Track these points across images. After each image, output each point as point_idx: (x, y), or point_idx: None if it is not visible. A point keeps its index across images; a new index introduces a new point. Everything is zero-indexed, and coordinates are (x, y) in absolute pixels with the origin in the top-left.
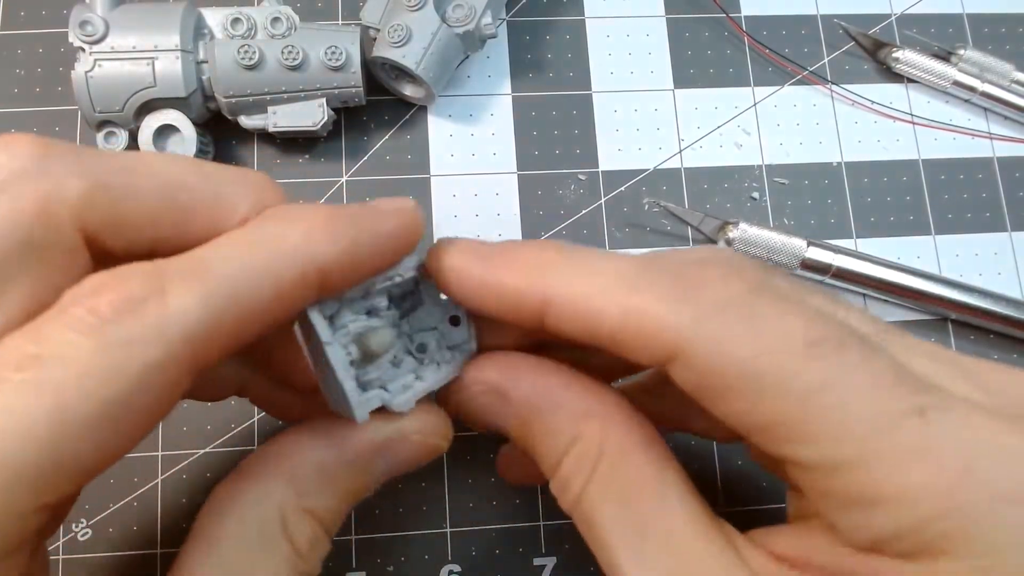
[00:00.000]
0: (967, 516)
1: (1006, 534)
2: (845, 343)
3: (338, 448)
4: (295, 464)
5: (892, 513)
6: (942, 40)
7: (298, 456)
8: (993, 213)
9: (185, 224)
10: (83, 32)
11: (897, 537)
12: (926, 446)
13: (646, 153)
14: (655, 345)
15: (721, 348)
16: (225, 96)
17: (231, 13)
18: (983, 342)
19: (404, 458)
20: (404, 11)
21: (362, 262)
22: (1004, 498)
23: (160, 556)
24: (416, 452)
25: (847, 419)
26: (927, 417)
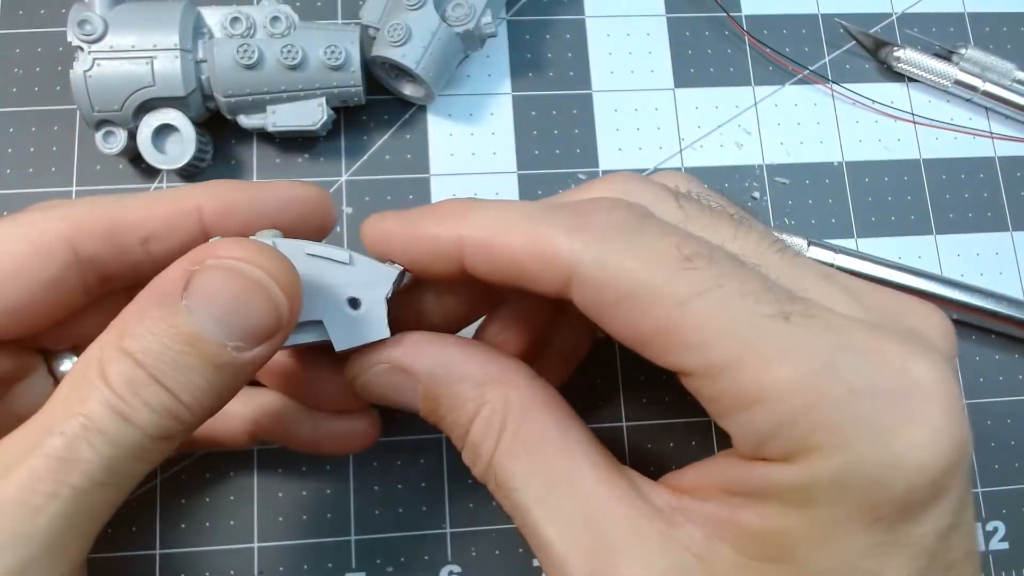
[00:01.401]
0: (829, 409)
1: (866, 427)
2: (716, 258)
3: (153, 286)
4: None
5: (765, 410)
6: (943, 39)
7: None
8: (994, 213)
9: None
10: (82, 31)
11: (774, 435)
12: (790, 346)
13: (646, 153)
14: (555, 271)
15: (606, 266)
16: (224, 95)
17: (230, 12)
18: (984, 342)
19: (216, 292)
20: (404, 10)
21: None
22: (862, 392)
23: (159, 556)
24: (225, 283)
25: (718, 324)
26: (791, 320)
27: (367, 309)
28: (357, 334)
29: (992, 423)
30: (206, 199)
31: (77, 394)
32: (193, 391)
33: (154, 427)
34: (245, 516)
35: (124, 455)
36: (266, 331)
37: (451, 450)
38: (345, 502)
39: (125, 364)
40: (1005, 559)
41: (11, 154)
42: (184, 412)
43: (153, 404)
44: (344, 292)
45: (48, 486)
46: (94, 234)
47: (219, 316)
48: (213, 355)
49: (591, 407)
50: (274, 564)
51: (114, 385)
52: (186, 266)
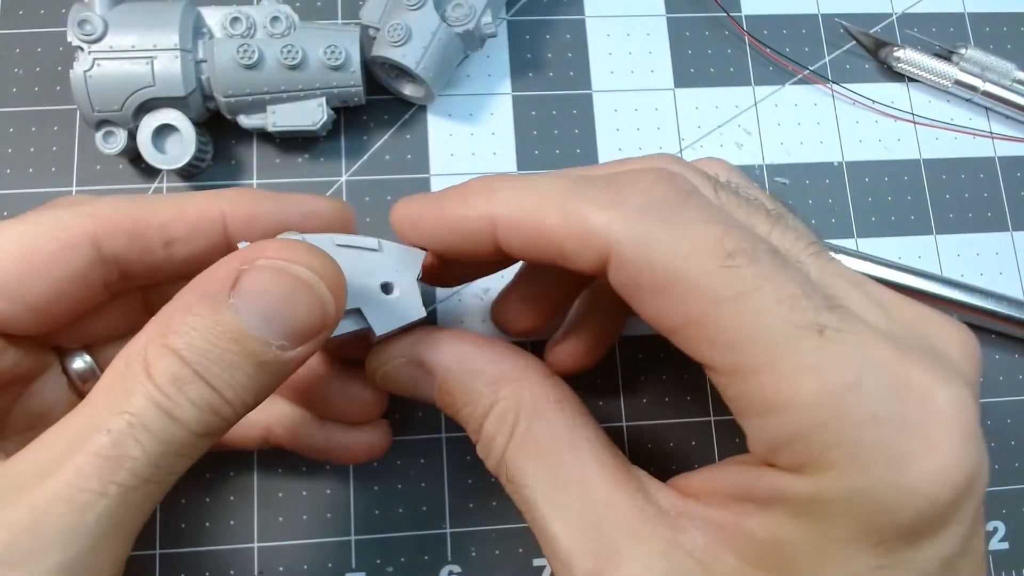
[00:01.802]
0: (849, 431)
1: (883, 453)
2: (758, 256)
3: (199, 283)
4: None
5: (784, 419)
6: (943, 39)
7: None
8: (995, 213)
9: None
10: (82, 31)
11: (789, 445)
12: (820, 361)
13: (646, 153)
14: (592, 248)
15: (644, 248)
16: (224, 95)
17: (230, 12)
18: (985, 342)
19: (265, 291)
20: (404, 10)
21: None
22: (884, 418)
23: (159, 556)
24: (274, 282)
25: (752, 329)
26: (825, 334)
27: (401, 292)
28: (394, 317)
29: (992, 423)
30: (231, 207)
31: (121, 389)
32: (236, 388)
33: (198, 423)
34: (245, 516)
35: (169, 451)
36: (312, 330)
37: (451, 450)
38: (345, 502)
39: (170, 361)
40: (1005, 559)
41: (11, 154)
42: (227, 409)
43: (197, 401)
44: (377, 278)
45: (96, 484)
46: (119, 233)
47: (267, 314)
48: (258, 352)
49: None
50: (274, 564)
51: (159, 382)
52: (235, 265)
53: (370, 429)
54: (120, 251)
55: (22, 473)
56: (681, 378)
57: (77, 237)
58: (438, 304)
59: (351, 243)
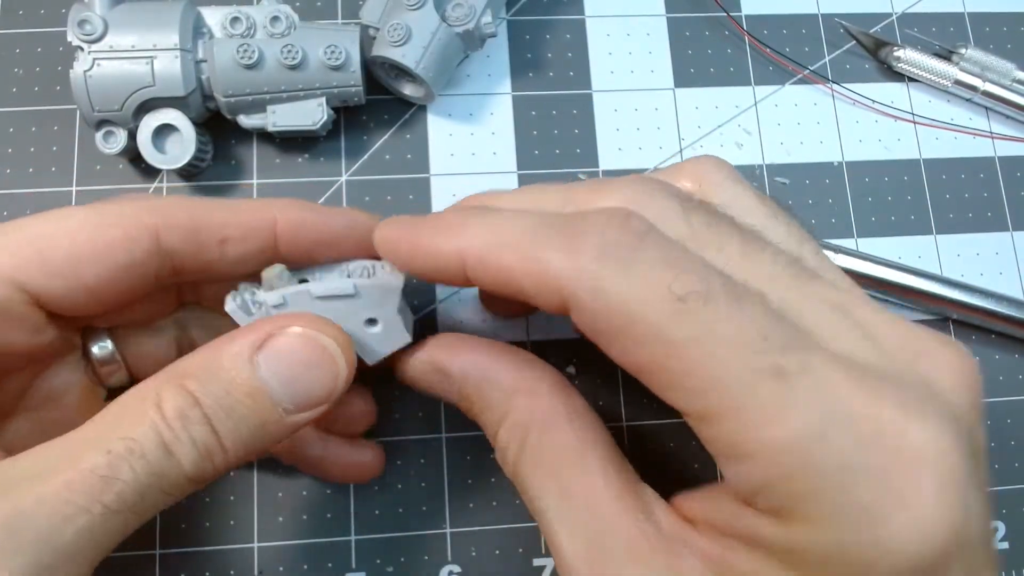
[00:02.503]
0: (817, 480)
1: (854, 507)
2: (713, 296)
3: (222, 342)
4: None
5: (755, 466)
6: (943, 39)
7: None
8: (995, 213)
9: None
10: (81, 31)
11: (763, 491)
12: (781, 407)
13: (646, 153)
14: (551, 292)
15: (598, 295)
16: (224, 95)
17: (230, 12)
18: (985, 342)
19: (289, 354)
20: (404, 10)
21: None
22: (851, 467)
23: (159, 556)
24: (299, 347)
25: (711, 374)
26: (786, 378)
27: (384, 324)
28: (382, 346)
29: (992, 423)
30: (282, 213)
31: (128, 417)
32: (236, 440)
33: (191, 464)
34: (245, 516)
35: (157, 485)
36: (320, 399)
37: (451, 450)
38: (345, 502)
39: (183, 399)
40: (1005, 559)
41: (11, 154)
42: (220, 457)
43: (197, 441)
44: (360, 316)
45: (83, 500)
46: (179, 228)
47: (286, 377)
48: (266, 411)
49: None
50: (274, 564)
51: (167, 414)
52: (268, 328)
53: (366, 446)
54: (178, 246)
55: (16, 474)
56: None
57: (139, 228)
58: (438, 304)
59: (330, 293)
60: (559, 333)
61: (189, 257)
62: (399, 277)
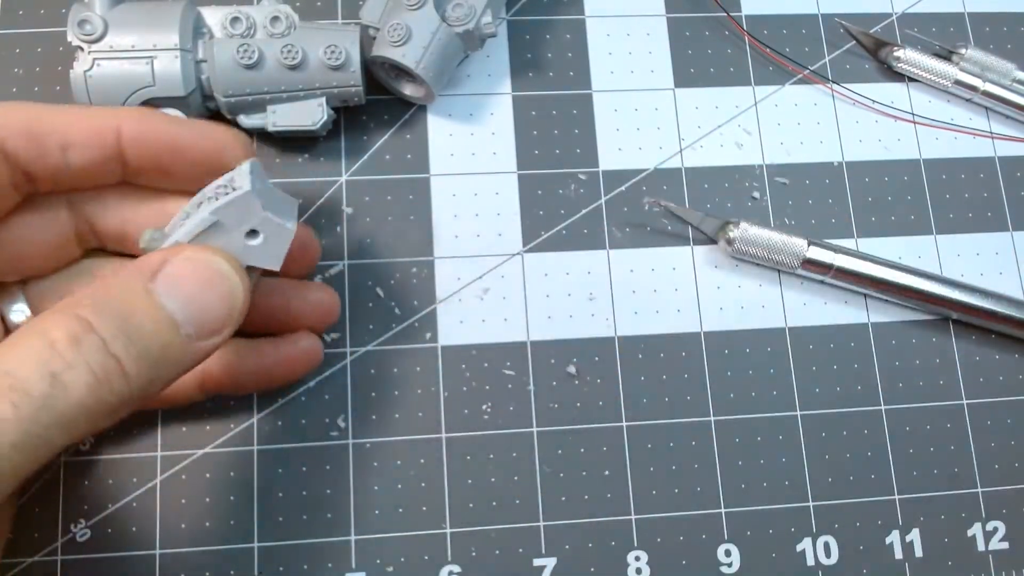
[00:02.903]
0: None
1: None
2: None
3: (112, 274)
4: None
5: None
6: (943, 39)
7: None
8: (995, 213)
9: None
10: (82, 31)
11: None
12: None
13: (646, 153)
14: None
15: None
16: (224, 95)
17: (230, 12)
18: (984, 342)
19: (184, 278)
20: (404, 10)
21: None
22: None
23: (159, 556)
24: (194, 271)
25: None
26: None
27: (263, 229)
28: (276, 248)
29: (992, 423)
30: (128, 124)
31: (17, 349)
32: (140, 365)
33: (88, 391)
34: (245, 516)
35: (49, 419)
36: (220, 322)
37: (451, 450)
38: (345, 502)
39: (74, 325)
40: (1005, 559)
41: None
42: (124, 384)
43: (94, 365)
44: (240, 235)
45: None
46: (17, 134)
47: (183, 299)
48: (167, 333)
49: (591, 406)
50: (274, 564)
51: (56, 343)
52: (159, 257)
53: (299, 336)
54: (19, 151)
55: None
56: (681, 378)
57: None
58: (438, 304)
59: (196, 231)
60: (559, 333)
61: (35, 162)
62: (246, 180)
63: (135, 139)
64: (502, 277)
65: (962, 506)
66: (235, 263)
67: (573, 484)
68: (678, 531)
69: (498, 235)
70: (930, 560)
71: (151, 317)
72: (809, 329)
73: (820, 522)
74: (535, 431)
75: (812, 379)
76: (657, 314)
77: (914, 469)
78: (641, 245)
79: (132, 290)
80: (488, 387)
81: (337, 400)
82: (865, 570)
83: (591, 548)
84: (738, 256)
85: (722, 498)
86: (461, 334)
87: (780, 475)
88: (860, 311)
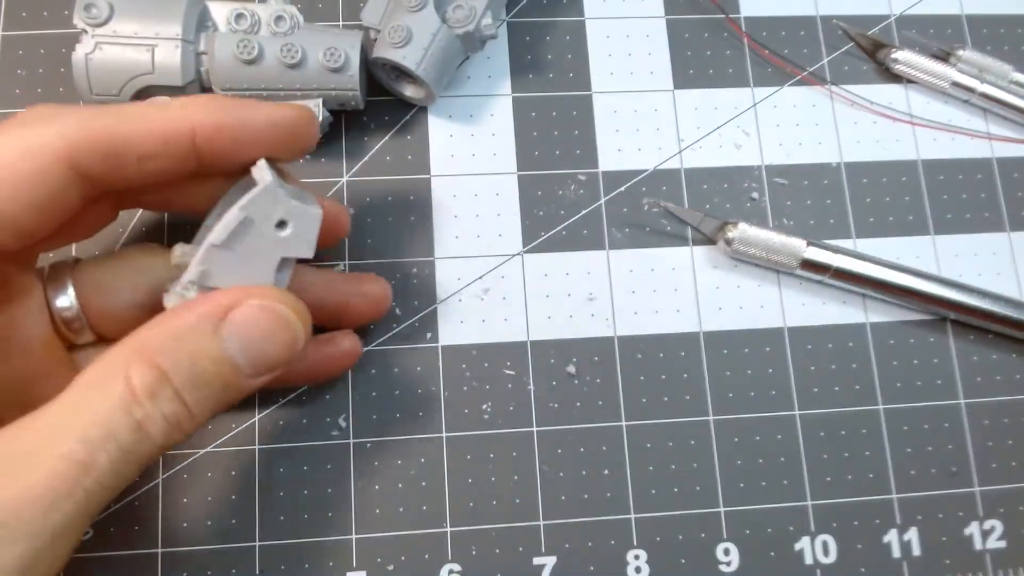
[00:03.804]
0: None
1: None
2: None
3: (181, 312)
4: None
5: None
6: (941, 41)
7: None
8: (992, 213)
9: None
10: (88, 15)
11: None
12: None
13: (646, 153)
14: None
15: None
16: (222, 88)
17: (236, 8)
18: (982, 342)
19: (252, 325)
20: (404, 12)
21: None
22: None
23: (161, 555)
24: (261, 319)
25: None
26: None
27: (291, 218)
28: (307, 233)
29: (989, 422)
30: (199, 121)
31: (101, 397)
32: (202, 406)
33: (164, 437)
34: (247, 515)
35: (133, 461)
36: (277, 364)
37: (451, 450)
38: (346, 501)
39: (153, 376)
40: (1002, 558)
41: None
42: (190, 424)
43: (168, 416)
44: (270, 228)
45: (67, 487)
46: (94, 152)
47: (247, 345)
48: (230, 377)
49: (591, 406)
50: (276, 563)
51: (138, 393)
52: (227, 301)
53: (343, 338)
54: (95, 167)
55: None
56: (680, 378)
57: (50, 159)
58: (438, 304)
59: (228, 233)
60: (559, 333)
61: (109, 175)
62: (267, 174)
63: (209, 137)
64: (502, 277)
65: (959, 505)
66: (301, 309)
67: (573, 483)
68: (677, 530)
69: (498, 235)
70: (928, 559)
71: (216, 361)
72: (808, 329)
73: (818, 521)
74: (535, 431)
75: (810, 379)
76: (656, 314)
77: (912, 468)
78: (640, 245)
79: (201, 334)
80: (488, 387)
81: (338, 400)
82: (863, 569)
83: (591, 547)
84: (737, 256)
85: (721, 497)
86: (461, 334)
87: (778, 474)
88: (858, 311)
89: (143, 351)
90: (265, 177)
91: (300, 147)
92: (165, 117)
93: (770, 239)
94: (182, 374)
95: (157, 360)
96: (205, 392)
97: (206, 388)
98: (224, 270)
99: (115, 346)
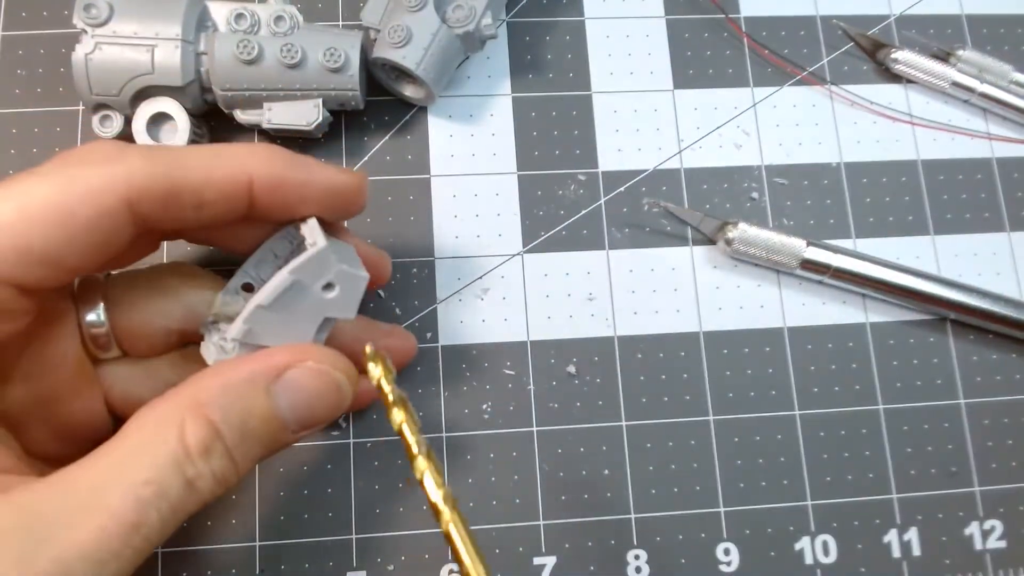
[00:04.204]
0: None
1: None
2: None
3: (235, 367)
4: (200, 383)
5: None
6: (941, 41)
7: (205, 376)
8: (992, 213)
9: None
10: (87, 15)
11: None
12: None
13: (646, 153)
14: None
15: None
16: (222, 88)
17: (236, 8)
18: (982, 342)
19: (305, 387)
20: (404, 12)
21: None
22: None
23: (161, 555)
24: (314, 381)
25: None
26: None
27: (339, 281)
28: (352, 297)
29: (989, 422)
30: (258, 174)
31: (154, 452)
32: (248, 460)
33: (210, 493)
34: (247, 515)
35: (180, 516)
36: (324, 422)
37: (451, 450)
38: (346, 501)
39: (207, 432)
40: (1002, 557)
41: (14, 155)
42: (234, 479)
43: (217, 472)
44: (316, 290)
45: (116, 545)
46: (155, 199)
47: (297, 405)
48: (277, 433)
49: (591, 406)
50: (275, 563)
51: (191, 450)
52: (284, 360)
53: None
54: (152, 214)
55: (49, 517)
56: (680, 377)
57: (113, 203)
58: (438, 304)
59: (276, 295)
60: (559, 333)
61: (164, 219)
62: (319, 236)
63: (266, 187)
64: (502, 277)
65: (959, 505)
66: (351, 371)
67: (573, 483)
68: (677, 530)
69: (498, 235)
70: (927, 559)
71: (266, 418)
72: (807, 329)
73: (818, 521)
74: (535, 430)
75: (810, 379)
76: (656, 314)
77: (912, 468)
78: (640, 245)
79: (254, 391)
80: (488, 387)
81: None
82: (863, 569)
83: (591, 547)
84: (737, 256)
85: (721, 497)
86: (461, 334)
87: (778, 474)
88: (858, 311)
89: (198, 406)
90: (319, 241)
91: (351, 212)
92: (226, 167)
93: (770, 239)
94: (233, 431)
95: (210, 414)
96: (252, 447)
97: (254, 444)
98: (268, 329)
99: (169, 395)
